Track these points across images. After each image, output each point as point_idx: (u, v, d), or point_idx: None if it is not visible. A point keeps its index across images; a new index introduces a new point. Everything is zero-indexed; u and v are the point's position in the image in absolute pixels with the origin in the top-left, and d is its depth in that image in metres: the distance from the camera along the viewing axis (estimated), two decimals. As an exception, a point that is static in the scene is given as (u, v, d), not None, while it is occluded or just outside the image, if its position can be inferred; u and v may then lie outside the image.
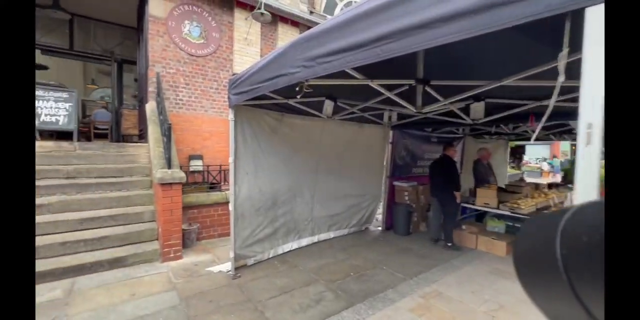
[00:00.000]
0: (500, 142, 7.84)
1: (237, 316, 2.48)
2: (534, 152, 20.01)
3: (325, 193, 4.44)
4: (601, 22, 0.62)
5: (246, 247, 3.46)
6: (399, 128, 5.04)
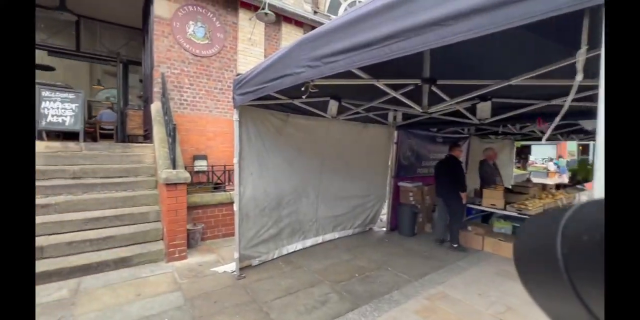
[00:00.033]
0: (506, 142, 7.75)
1: (242, 317, 2.47)
2: (540, 152, 19.81)
3: (329, 193, 4.43)
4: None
5: (251, 248, 3.45)
6: (404, 128, 5.01)
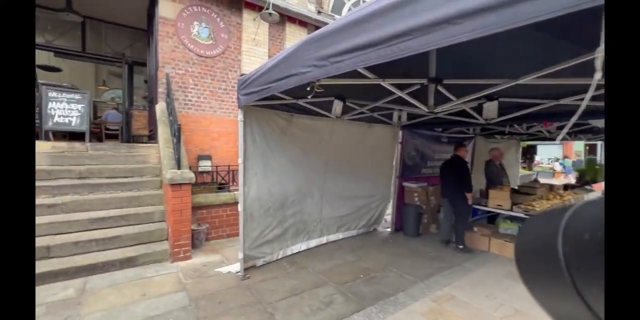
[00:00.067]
0: (512, 142, 7.67)
1: (247, 318, 2.46)
2: (546, 152, 19.59)
3: (334, 194, 4.41)
4: None
5: (255, 248, 3.45)
6: (409, 128, 4.97)
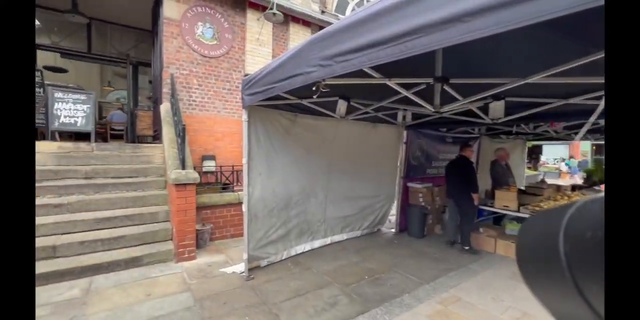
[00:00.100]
0: (518, 142, 7.59)
1: (252, 319, 2.45)
2: (552, 152, 19.37)
3: (338, 194, 4.39)
4: None
5: (259, 249, 3.44)
6: (414, 128, 4.93)
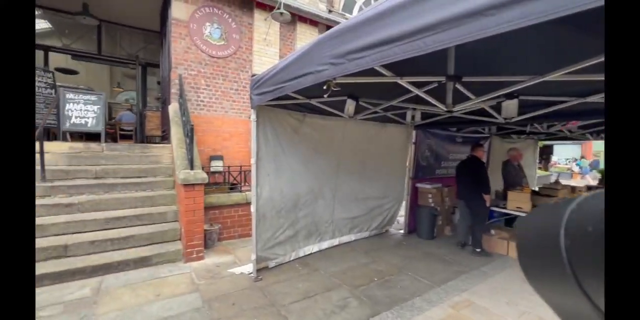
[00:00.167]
0: (529, 142, 7.41)
1: (261, 321, 2.43)
2: (564, 152, 18.94)
3: (346, 194, 4.34)
4: None
5: (267, 249, 3.42)
6: (423, 128, 4.86)
